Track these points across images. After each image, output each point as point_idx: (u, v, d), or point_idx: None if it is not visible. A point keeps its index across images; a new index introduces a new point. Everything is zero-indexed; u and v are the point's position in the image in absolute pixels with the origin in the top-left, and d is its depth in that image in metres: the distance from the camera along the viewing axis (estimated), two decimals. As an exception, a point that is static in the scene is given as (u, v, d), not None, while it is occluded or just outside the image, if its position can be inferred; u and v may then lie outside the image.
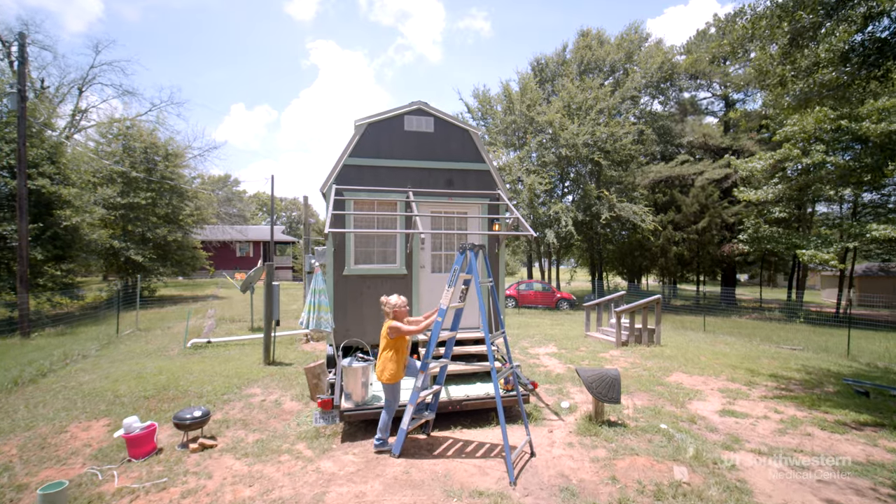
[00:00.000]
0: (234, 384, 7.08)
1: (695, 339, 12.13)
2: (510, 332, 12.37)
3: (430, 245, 6.45)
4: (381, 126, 6.18)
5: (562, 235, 21.23)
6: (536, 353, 9.32)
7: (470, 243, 4.08)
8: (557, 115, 21.13)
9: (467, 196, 6.39)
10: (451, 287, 4.05)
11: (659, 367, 8.15)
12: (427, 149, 6.31)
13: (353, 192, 6.03)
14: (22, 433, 5.09)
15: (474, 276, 4.08)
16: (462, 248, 4.11)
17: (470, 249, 4.10)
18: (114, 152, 20.27)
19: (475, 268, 4.12)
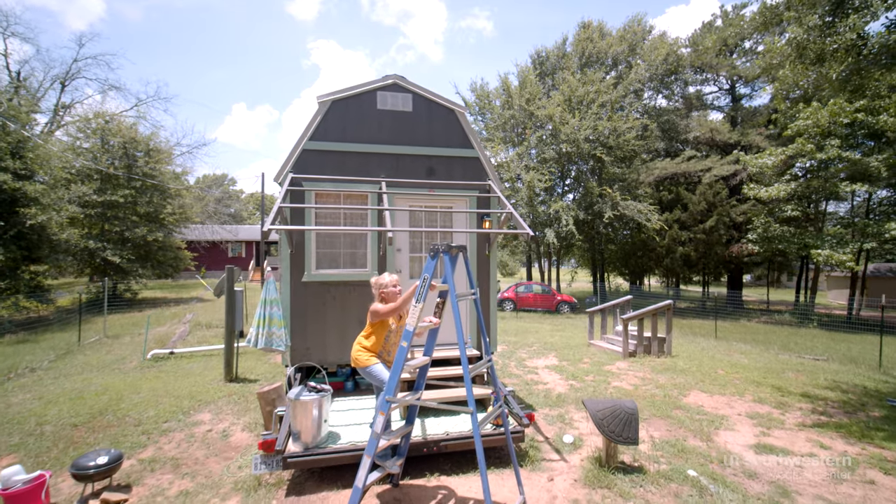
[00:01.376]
0: (182, 407, 6.09)
1: (707, 348, 11.14)
2: (507, 339, 11.38)
3: (409, 245, 5.46)
4: (350, 104, 5.19)
5: (562, 235, 20.24)
6: (535, 367, 8.33)
7: (444, 244, 3.09)
8: (558, 108, 20.14)
9: (452, 188, 5.40)
10: (420, 302, 3.06)
11: (673, 384, 7.16)
12: (404, 131, 5.32)
13: (314, 182, 5.03)
14: None
15: (450, 287, 3.09)
16: (433, 250, 3.12)
17: (444, 251, 3.11)
18: (92, 148, 19.26)
19: (451, 276, 3.13)
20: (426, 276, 3.09)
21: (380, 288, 3.83)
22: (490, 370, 3.69)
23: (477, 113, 25.24)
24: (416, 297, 3.07)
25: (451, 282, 3.10)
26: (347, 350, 4.84)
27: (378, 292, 3.84)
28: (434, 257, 3.11)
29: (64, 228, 15.84)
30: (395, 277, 3.89)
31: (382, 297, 3.81)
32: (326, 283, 5.08)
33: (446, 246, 3.09)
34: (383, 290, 3.81)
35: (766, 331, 15.62)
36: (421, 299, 3.06)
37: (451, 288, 3.08)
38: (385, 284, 3.82)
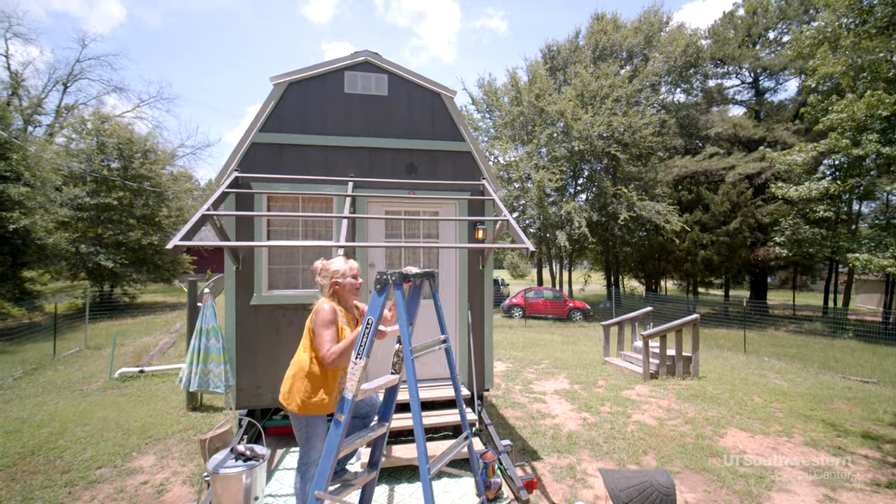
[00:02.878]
0: (127, 447, 5.22)
1: (737, 366, 9.97)
2: (514, 355, 10.35)
3: (385, 259, 4.50)
4: (311, 87, 4.24)
5: (574, 238, 19.11)
6: (542, 392, 7.30)
7: (396, 272, 2.10)
8: (570, 104, 19.02)
9: (438, 189, 4.43)
10: (362, 357, 2.09)
11: (705, 418, 6.08)
12: (379, 120, 4.36)
13: (266, 183, 4.10)
14: None
15: (404, 339, 2.11)
16: (381, 281, 2.13)
17: (397, 283, 2.13)
18: (86, 149, 18.71)
19: (405, 316, 2.15)
20: (370, 319, 2.11)
21: (332, 277, 2.62)
22: (469, 447, 2.68)
23: (484, 110, 24.23)
24: (357, 351, 2.10)
25: (406, 328, 2.11)
26: None
27: (329, 283, 2.62)
28: (382, 291, 2.13)
29: (51, 233, 15.23)
30: (356, 265, 2.73)
31: (335, 293, 2.65)
32: (281, 307, 4.14)
33: (399, 275, 2.11)
34: (337, 280, 2.61)
35: (799, 343, 14.32)
36: (364, 353, 2.09)
37: (404, 339, 2.09)
38: (340, 272, 2.62)
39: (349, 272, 2.67)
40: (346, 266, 2.68)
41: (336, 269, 2.64)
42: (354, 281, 2.68)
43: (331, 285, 2.62)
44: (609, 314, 18.96)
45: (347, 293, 2.67)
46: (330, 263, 2.66)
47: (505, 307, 19.20)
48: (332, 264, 2.66)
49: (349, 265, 2.69)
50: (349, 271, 2.67)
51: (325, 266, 2.65)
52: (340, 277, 2.63)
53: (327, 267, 2.65)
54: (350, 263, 2.71)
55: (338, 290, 2.64)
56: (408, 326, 2.09)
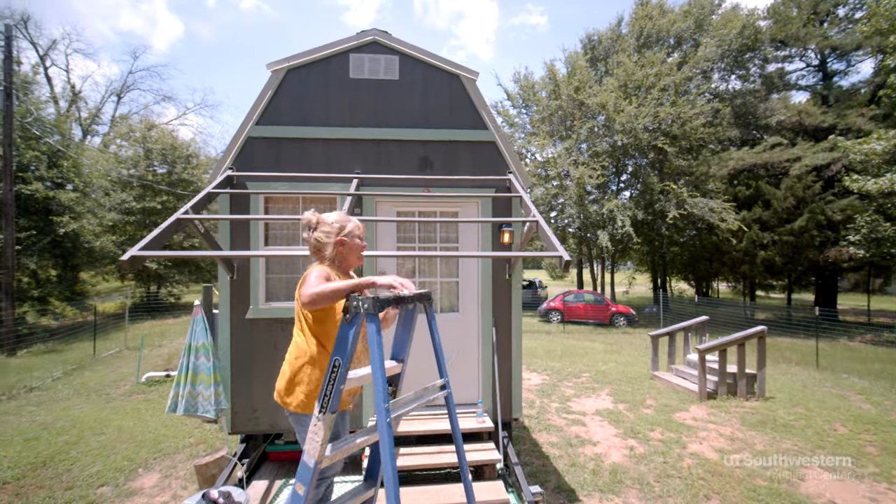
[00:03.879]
0: (136, 460, 5.00)
1: (810, 384, 8.72)
2: (551, 366, 9.58)
3: (396, 269, 3.95)
4: (312, 73, 3.77)
5: (617, 237, 17.93)
6: (582, 411, 6.53)
7: (367, 298, 1.52)
8: (612, 95, 17.86)
9: (457, 185, 3.83)
10: (327, 413, 1.53)
11: (778, 451, 5.13)
12: (388, 108, 3.83)
13: (262, 182, 3.66)
14: None
15: (378, 396, 1.51)
16: (351, 309, 1.56)
17: (367, 312, 1.54)
18: (134, 156, 19.53)
19: (379, 358, 1.56)
20: (337, 360, 1.55)
21: (337, 234, 2.04)
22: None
23: (521, 105, 23.35)
24: (320, 403, 1.55)
25: (380, 372, 1.52)
26: None
27: (333, 241, 2.03)
28: (352, 323, 1.56)
29: (99, 236, 15.90)
30: (358, 224, 2.15)
31: (338, 255, 2.05)
32: (280, 321, 3.69)
33: (373, 301, 1.53)
34: (344, 238, 2.05)
35: (881, 356, 12.57)
36: (329, 407, 1.53)
37: (378, 389, 1.51)
38: (348, 229, 2.06)
39: (356, 230, 2.10)
40: (354, 223, 2.10)
41: (342, 224, 2.05)
42: (361, 243, 2.13)
43: (335, 244, 2.02)
44: (655, 319, 17.64)
45: (353, 257, 2.10)
46: (330, 216, 2.08)
47: (542, 311, 18.31)
48: (336, 218, 2.07)
49: (356, 222, 2.13)
50: (356, 229, 2.10)
51: (322, 220, 2.05)
52: (348, 236, 2.05)
53: (327, 220, 2.05)
54: (355, 220, 2.15)
55: (342, 251, 2.05)
56: (382, 368, 1.50)
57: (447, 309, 4.00)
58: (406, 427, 3.45)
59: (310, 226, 2.05)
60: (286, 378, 1.95)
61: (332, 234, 2.04)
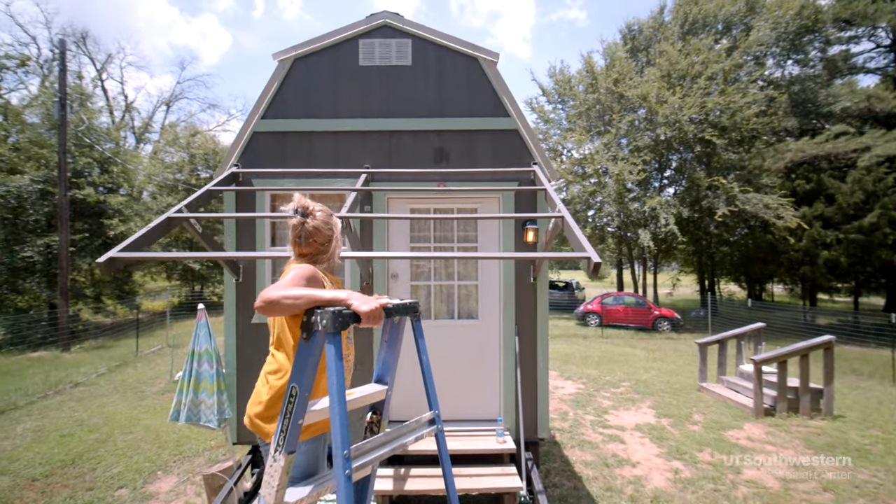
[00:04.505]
0: (157, 462, 5.00)
1: (885, 401, 7.71)
2: (587, 373, 9.02)
3: (410, 271, 3.65)
4: (320, 61, 3.54)
5: (660, 237, 16.91)
6: (620, 426, 6.00)
7: (328, 312, 1.20)
8: (654, 86, 16.87)
9: (475, 178, 3.49)
10: (282, 454, 1.22)
11: (854, 484, 4.43)
12: (401, 96, 3.54)
13: (268, 178, 3.46)
14: None
15: (335, 430, 1.19)
16: (309, 327, 1.24)
17: (326, 331, 1.21)
18: (179, 161, 20.42)
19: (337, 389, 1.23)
20: (294, 387, 1.24)
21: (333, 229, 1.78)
22: None
23: (556, 101, 22.59)
24: (276, 443, 1.25)
25: (338, 408, 1.20)
26: None
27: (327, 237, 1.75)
28: (310, 343, 1.24)
29: (145, 237, 16.68)
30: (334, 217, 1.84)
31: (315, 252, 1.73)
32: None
33: (332, 316, 1.20)
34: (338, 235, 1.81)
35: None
36: (284, 446, 1.23)
37: (336, 439, 1.18)
38: (339, 225, 1.83)
39: (335, 221, 1.82)
40: (325, 215, 1.79)
41: (334, 216, 1.79)
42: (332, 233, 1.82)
43: (328, 241, 1.74)
44: (703, 324, 16.48)
45: (338, 254, 1.84)
46: (322, 209, 1.76)
47: (579, 314, 17.56)
48: (324, 208, 1.77)
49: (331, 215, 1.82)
50: (335, 222, 1.83)
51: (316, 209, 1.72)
52: (322, 225, 1.73)
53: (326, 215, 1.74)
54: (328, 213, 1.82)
55: (337, 247, 1.79)
56: (342, 403, 1.18)
57: (465, 315, 3.67)
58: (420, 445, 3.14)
59: (307, 210, 1.69)
60: (264, 401, 1.60)
61: (333, 227, 1.74)
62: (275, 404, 1.57)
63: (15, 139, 14.94)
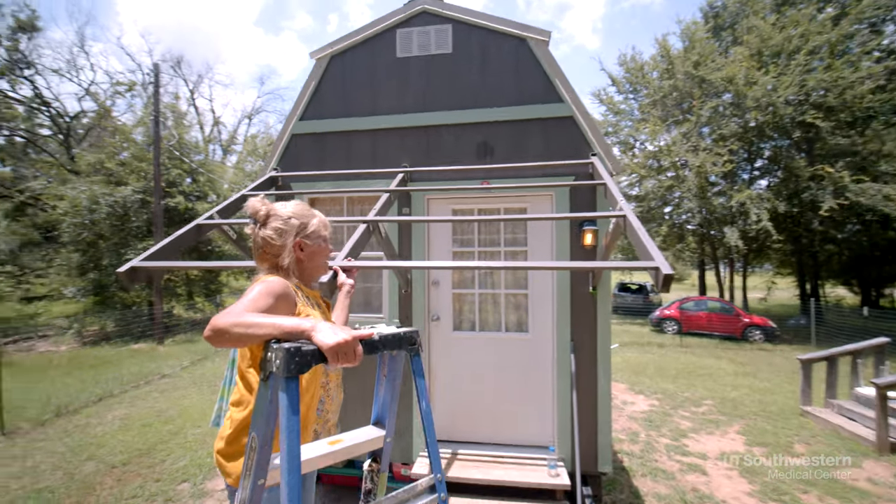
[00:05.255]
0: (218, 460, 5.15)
1: None
2: (662, 387, 8.15)
3: (452, 278, 3.36)
4: (357, 57, 3.37)
5: (751, 235, 15.07)
6: (702, 453, 5.23)
7: (283, 348, 0.93)
8: (742, 66, 15.07)
9: (524, 174, 3.11)
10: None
11: None
12: (441, 88, 3.26)
13: (305, 182, 3.36)
14: None
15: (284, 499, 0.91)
16: (263, 365, 0.98)
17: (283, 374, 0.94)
18: (257, 170, 21.92)
19: (289, 450, 0.95)
20: (254, 440, 0.99)
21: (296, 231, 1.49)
22: None
23: (627, 91, 21.10)
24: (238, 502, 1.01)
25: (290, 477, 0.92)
26: None
27: (291, 242, 1.48)
28: (268, 386, 0.98)
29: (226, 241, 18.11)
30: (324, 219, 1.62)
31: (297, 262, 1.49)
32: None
33: (286, 356, 0.93)
34: (305, 239, 1.51)
35: None
36: (245, 507, 0.98)
37: None
38: (311, 227, 1.53)
39: (322, 229, 1.56)
40: (319, 218, 1.57)
41: (302, 219, 1.50)
42: (327, 245, 1.59)
43: (292, 247, 1.47)
44: (804, 334, 14.40)
45: (316, 265, 1.56)
46: (285, 207, 1.51)
47: (654, 319, 16.20)
48: (294, 210, 1.51)
49: (321, 217, 1.59)
50: (322, 227, 1.56)
51: (275, 211, 1.47)
52: (310, 237, 1.50)
53: (280, 213, 1.47)
54: (320, 215, 1.60)
55: (301, 257, 1.49)
56: (295, 469, 0.90)
57: (514, 328, 3.30)
58: (459, 472, 2.84)
59: (256, 217, 1.46)
60: (225, 437, 1.40)
61: (288, 234, 1.47)
62: (237, 439, 1.37)
63: (125, 155, 16.87)
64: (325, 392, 1.54)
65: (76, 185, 15.54)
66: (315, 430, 1.51)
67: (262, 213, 1.45)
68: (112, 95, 24.04)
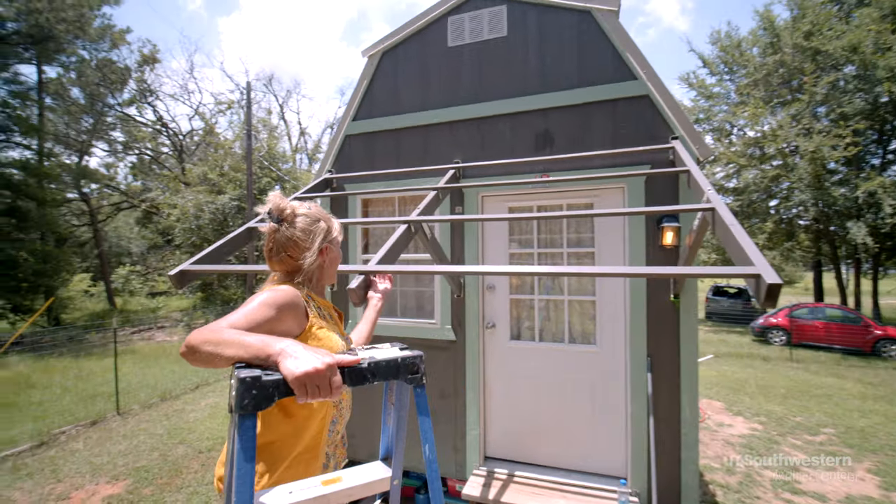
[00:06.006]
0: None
1: None
2: (766, 409, 7.06)
3: (509, 283, 3.07)
4: (408, 50, 3.24)
5: (883, 231, 12.69)
6: (820, 493, 4.35)
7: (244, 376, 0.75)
8: (870, 30, 12.75)
9: (591, 164, 2.75)
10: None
11: None
12: (495, 75, 3.01)
13: (358, 182, 3.29)
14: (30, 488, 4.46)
15: None
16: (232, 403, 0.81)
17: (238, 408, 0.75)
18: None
19: None
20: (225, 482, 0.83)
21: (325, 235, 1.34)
22: None
23: (721, 71, 18.96)
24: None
25: None
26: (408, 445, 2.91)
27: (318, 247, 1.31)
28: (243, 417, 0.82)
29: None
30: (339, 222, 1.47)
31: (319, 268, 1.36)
32: (378, 340, 3.24)
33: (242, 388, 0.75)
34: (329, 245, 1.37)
35: None
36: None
37: None
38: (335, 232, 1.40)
39: (340, 234, 1.42)
40: (337, 222, 1.43)
41: (325, 219, 1.36)
42: (341, 254, 1.47)
43: (319, 252, 1.31)
44: (963, 352, 11.76)
45: (333, 272, 1.43)
46: (307, 207, 1.35)
47: (757, 328, 14.31)
48: (317, 211, 1.36)
49: (338, 222, 1.44)
50: (340, 233, 1.42)
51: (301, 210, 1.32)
52: (333, 242, 1.38)
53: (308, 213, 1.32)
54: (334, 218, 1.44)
55: (324, 263, 1.35)
56: None
57: (579, 339, 2.93)
58: (515, 498, 2.55)
59: (282, 214, 1.28)
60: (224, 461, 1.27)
61: (316, 236, 1.31)
62: None
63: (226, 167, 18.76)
64: (337, 412, 1.38)
65: (185, 194, 17.55)
66: (326, 454, 1.35)
67: (288, 211, 1.29)
68: (215, 114, 26.95)
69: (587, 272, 1.65)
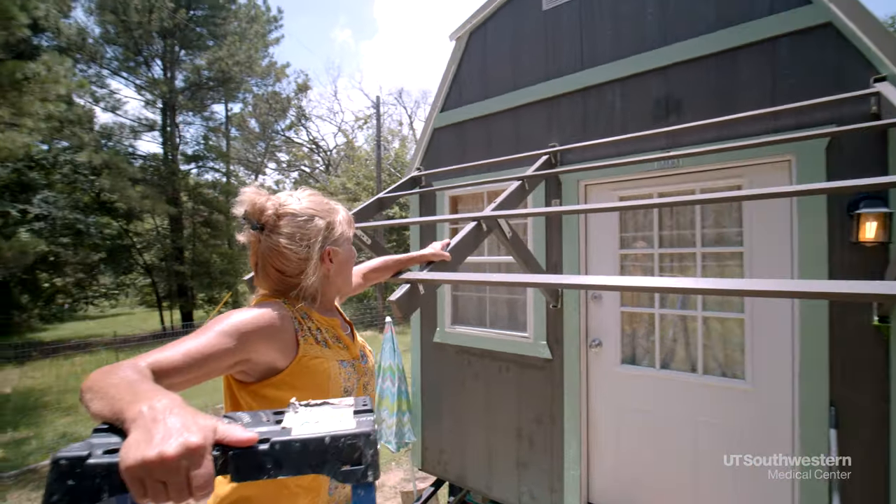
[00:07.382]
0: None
1: None
2: None
3: (619, 291, 2.46)
4: (497, 24, 2.87)
5: None
6: None
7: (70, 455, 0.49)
8: None
9: (735, 135, 2.01)
10: None
11: None
12: (601, 33, 2.45)
13: (445, 178, 3.04)
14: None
15: None
16: None
17: None
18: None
19: None
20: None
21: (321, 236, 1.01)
22: None
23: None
24: None
25: None
26: (498, 473, 2.60)
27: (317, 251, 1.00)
28: None
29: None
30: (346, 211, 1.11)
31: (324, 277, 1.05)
32: (466, 351, 2.94)
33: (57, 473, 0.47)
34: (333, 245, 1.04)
35: None
36: None
37: None
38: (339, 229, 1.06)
39: (348, 225, 1.11)
40: (342, 213, 1.10)
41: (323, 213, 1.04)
42: (353, 249, 1.14)
43: (319, 259, 1.02)
44: None
45: (346, 276, 1.12)
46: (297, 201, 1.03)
47: None
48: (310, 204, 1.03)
49: (344, 211, 1.12)
50: (348, 224, 1.10)
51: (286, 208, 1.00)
52: (339, 242, 1.07)
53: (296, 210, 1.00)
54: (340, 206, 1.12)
55: (329, 271, 1.06)
56: None
57: (717, 369, 2.17)
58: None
59: (261, 217, 0.98)
60: None
61: (311, 240, 1.00)
62: None
63: (360, 176, 20.65)
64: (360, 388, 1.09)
65: (329, 203, 19.84)
66: None
67: (269, 212, 0.98)
68: (354, 129, 29.95)
69: (735, 289, 1.10)
